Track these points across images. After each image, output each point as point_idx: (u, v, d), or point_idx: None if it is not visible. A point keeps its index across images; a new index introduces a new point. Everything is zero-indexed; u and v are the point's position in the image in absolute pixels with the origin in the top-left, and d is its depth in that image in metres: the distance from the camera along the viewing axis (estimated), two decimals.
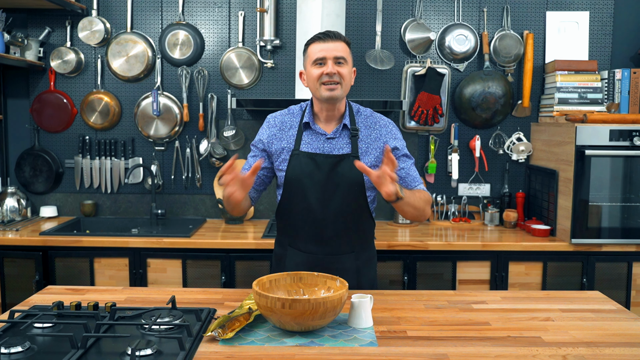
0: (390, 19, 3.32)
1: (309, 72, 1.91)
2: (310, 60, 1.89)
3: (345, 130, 1.96)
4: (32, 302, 1.80)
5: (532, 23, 3.33)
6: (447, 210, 3.36)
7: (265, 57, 3.30)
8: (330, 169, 1.91)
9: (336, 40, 1.88)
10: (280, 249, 2.07)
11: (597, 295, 1.97)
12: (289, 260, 2.01)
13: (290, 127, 1.98)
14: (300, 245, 1.98)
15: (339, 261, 1.97)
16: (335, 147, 1.94)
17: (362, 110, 2.02)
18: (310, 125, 1.96)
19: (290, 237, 2.01)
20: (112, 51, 3.27)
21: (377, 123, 1.99)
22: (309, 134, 1.96)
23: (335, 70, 1.85)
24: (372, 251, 2.09)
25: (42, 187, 3.37)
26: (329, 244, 1.95)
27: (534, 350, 1.47)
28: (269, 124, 2.01)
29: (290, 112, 2.03)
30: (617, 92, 3.07)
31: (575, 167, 2.80)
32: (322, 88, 1.87)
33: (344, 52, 1.88)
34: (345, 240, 1.97)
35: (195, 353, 1.42)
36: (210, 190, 3.39)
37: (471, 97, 3.27)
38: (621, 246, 2.86)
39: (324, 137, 1.95)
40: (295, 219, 1.97)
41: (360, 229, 1.99)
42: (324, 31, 1.92)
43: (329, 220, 1.93)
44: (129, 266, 2.83)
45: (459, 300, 1.88)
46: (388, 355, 1.43)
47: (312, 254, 1.97)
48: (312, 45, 1.90)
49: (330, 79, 1.85)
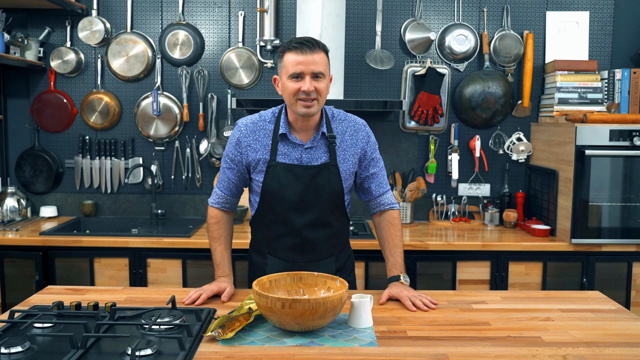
0: (390, 19, 3.32)
1: (284, 84, 1.81)
2: (286, 72, 1.79)
3: (323, 138, 1.91)
4: (32, 302, 1.80)
5: (532, 23, 3.33)
6: (447, 210, 3.36)
7: (265, 57, 3.30)
8: (309, 180, 1.87)
9: (314, 51, 1.77)
10: (259, 257, 2.02)
11: (597, 295, 1.97)
12: (269, 269, 1.97)
13: (263, 134, 1.90)
14: (281, 254, 1.96)
15: (319, 267, 1.95)
16: (313, 157, 1.89)
17: (336, 113, 1.96)
18: (287, 135, 1.88)
19: (269, 247, 1.98)
20: (112, 51, 3.27)
21: (352, 127, 1.95)
22: (285, 144, 1.88)
23: (312, 87, 1.76)
24: (348, 251, 2.10)
25: (42, 187, 3.37)
26: (309, 252, 1.94)
27: (534, 350, 1.47)
28: (241, 132, 1.91)
29: (262, 118, 1.93)
30: (617, 92, 3.07)
31: (575, 167, 2.80)
32: (298, 104, 1.79)
33: (322, 66, 1.78)
34: (325, 246, 1.96)
35: (195, 353, 1.42)
36: (210, 190, 3.39)
37: (471, 97, 3.27)
38: (621, 246, 2.86)
39: (302, 148, 1.88)
40: (273, 228, 1.94)
41: (339, 234, 1.99)
42: (300, 39, 1.79)
43: (309, 229, 1.91)
44: (129, 266, 2.83)
45: (459, 300, 1.88)
46: (388, 355, 1.43)
47: (293, 262, 1.95)
48: (288, 54, 1.79)
49: (308, 96, 1.77)
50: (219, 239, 1.98)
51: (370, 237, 2.86)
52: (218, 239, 1.98)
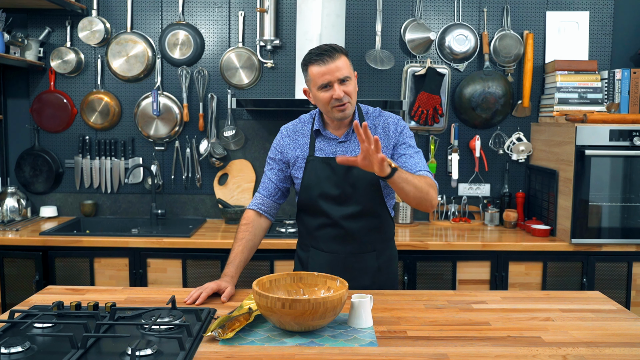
0: (390, 19, 3.32)
1: (316, 96, 1.90)
2: (314, 85, 1.88)
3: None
4: (32, 302, 1.80)
5: (532, 23, 3.33)
6: (447, 210, 3.36)
7: (265, 57, 3.30)
8: (345, 171, 1.94)
9: (334, 57, 1.83)
10: (303, 252, 2.10)
11: (597, 295, 1.97)
12: (311, 262, 2.04)
13: (302, 135, 2.02)
14: (323, 245, 2.01)
15: (360, 260, 2.00)
16: (347, 150, 1.96)
17: (370, 110, 2.03)
18: (320, 131, 1.99)
19: (312, 239, 2.04)
20: (112, 51, 3.27)
21: (384, 121, 2.00)
22: (321, 140, 1.99)
23: (342, 93, 1.84)
24: (393, 251, 2.11)
25: (42, 187, 3.37)
26: (350, 243, 1.98)
27: (534, 350, 1.47)
28: (282, 135, 2.05)
29: (301, 121, 2.06)
30: (617, 92, 3.07)
31: (575, 167, 2.80)
32: (333, 111, 1.88)
33: (346, 70, 1.85)
34: (365, 239, 1.99)
35: (195, 353, 1.42)
36: (210, 190, 3.39)
37: (471, 97, 3.27)
38: (621, 246, 2.86)
39: (336, 142, 1.97)
40: (315, 221, 2.00)
41: (379, 228, 2.02)
42: (319, 49, 1.86)
43: (349, 221, 1.95)
44: (129, 266, 2.83)
45: (459, 300, 1.88)
46: (388, 355, 1.43)
47: (334, 253, 1.99)
48: (312, 67, 1.86)
49: (340, 102, 1.85)
50: (241, 241, 2.01)
51: None
52: (240, 240, 2.01)
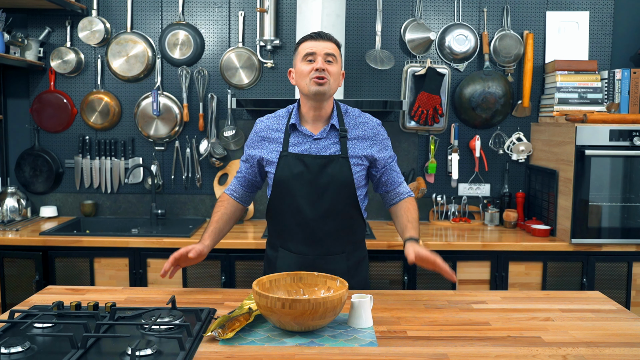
0: (390, 19, 3.32)
1: (298, 68, 1.93)
2: (300, 57, 1.92)
3: (333, 130, 1.96)
4: (32, 302, 1.80)
5: (532, 23, 3.33)
6: (447, 210, 3.36)
7: (265, 57, 3.30)
8: (319, 169, 1.92)
9: (327, 40, 1.92)
10: (272, 251, 2.07)
11: (597, 295, 1.97)
12: (280, 262, 2.01)
13: (277, 129, 2.00)
14: (291, 246, 1.99)
15: (329, 262, 1.97)
16: (322, 148, 1.94)
17: (350, 110, 2.03)
18: (296, 126, 1.97)
19: (281, 239, 2.02)
20: (112, 51, 3.27)
21: (365, 124, 2.00)
22: (296, 135, 1.97)
23: (324, 66, 1.87)
24: (363, 252, 2.09)
25: (42, 187, 3.37)
26: (319, 245, 1.96)
27: (534, 350, 1.47)
28: (256, 128, 2.05)
29: (277, 115, 2.04)
30: (617, 92, 3.07)
31: (575, 167, 2.80)
32: (310, 82, 1.88)
33: (334, 51, 1.91)
34: (335, 240, 1.97)
35: (195, 353, 1.42)
36: (210, 190, 3.39)
37: (471, 97, 3.27)
38: (621, 246, 2.86)
39: (311, 139, 1.95)
40: (285, 220, 1.98)
41: (350, 230, 2.00)
42: (315, 32, 1.95)
43: (319, 220, 1.93)
44: (129, 266, 2.83)
45: (459, 300, 1.88)
46: (388, 355, 1.43)
47: (303, 255, 1.97)
48: (303, 43, 1.93)
49: (320, 74, 1.87)
50: (216, 214, 2.05)
51: (371, 237, 2.86)
52: (215, 214, 2.06)
